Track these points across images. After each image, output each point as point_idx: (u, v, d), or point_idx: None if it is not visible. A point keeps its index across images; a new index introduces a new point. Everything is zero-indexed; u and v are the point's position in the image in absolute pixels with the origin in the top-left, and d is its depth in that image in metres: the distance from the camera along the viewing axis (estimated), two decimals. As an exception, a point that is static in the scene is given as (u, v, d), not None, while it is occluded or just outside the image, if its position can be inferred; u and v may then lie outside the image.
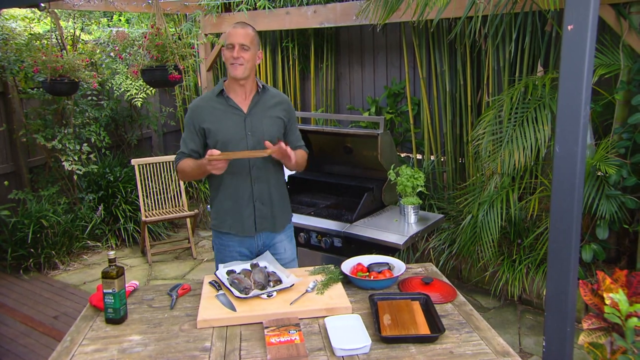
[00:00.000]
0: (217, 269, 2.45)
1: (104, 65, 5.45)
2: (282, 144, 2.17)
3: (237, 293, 1.97)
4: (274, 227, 2.42)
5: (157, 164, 4.85)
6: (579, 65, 1.26)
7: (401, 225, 3.18)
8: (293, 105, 5.56)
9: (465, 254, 3.87)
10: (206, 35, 5.35)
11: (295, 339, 1.69)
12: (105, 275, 1.86)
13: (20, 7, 5.15)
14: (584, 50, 1.25)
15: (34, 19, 5.48)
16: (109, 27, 6.10)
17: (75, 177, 5.07)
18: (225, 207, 2.37)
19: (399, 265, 2.20)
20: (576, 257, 1.37)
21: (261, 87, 2.35)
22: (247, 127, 2.29)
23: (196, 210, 4.96)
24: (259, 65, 5.68)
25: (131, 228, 5.10)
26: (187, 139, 2.35)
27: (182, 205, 4.94)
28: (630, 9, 3.19)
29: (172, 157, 4.92)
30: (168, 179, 4.89)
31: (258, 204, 2.35)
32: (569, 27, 1.25)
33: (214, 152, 2.10)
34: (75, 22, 5.68)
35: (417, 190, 3.24)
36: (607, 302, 1.69)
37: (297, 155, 2.32)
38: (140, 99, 5.13)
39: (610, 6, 3.18)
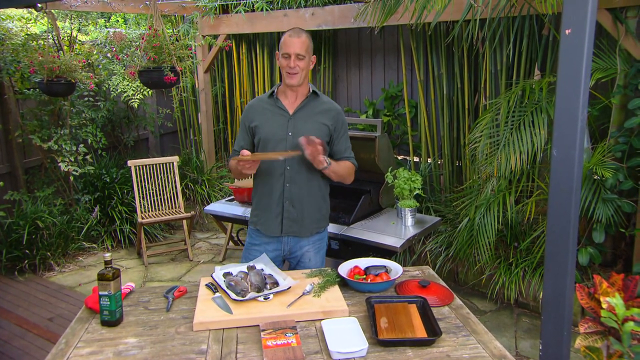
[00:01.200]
0: None
1: (100, 66, 5.44)
2: (317, 143, 2.17)
3: (233, 295, 1.96)
4: (301, 232, 2.41)
5: (154, 166, 4.83)
6: (577, 69, 1.26)
7: (398, 228, 3.18)
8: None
9: (462, 257, 3.87)
10: (204, 36, 5.35)
11: (291, 342, 1.68)
12: (101, 277, 1.84)
13: (17, 8, 5.13)
14: (581, 54, 1.25)
15: (30, 20, 5.47)
16: (107, 27, 6.09)
17: (71, 178, 5.05)
18: (258, 204, 2.45)
19: (396, 268, 2.20)
20: (573, 261, 1.37)
21: (312, 92, 2.39)
22: (290, 128, 2.33)
23: (192, 212, 4.94)
24: (257, 67, 5.68)
25: (127, 229, 5.08)
26: (239, 137, 2.46)
27: (179, 207, 4.93)
28: (626, 13, 3.21)
29: (169, 159, 4.91)
30: (164, 180, 4.88)
31: (287, 205, 2.37)
32: (567, 31, 1.25)
33: (244, 153, 2.19)
34: (72, 23, 5.67)
35: (414, 193, 3.24)
36: (604, 305, 1.69)
37: (339, 165, 2.35)
38: (137, 100, 5.11)
39: (607, 11, 3.20)
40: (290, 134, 2.32)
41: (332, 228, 3.18)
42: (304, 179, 2.36)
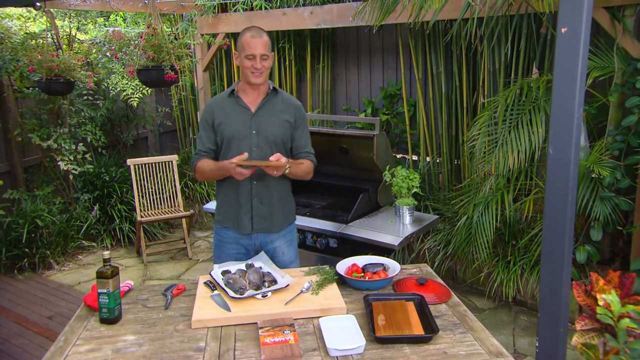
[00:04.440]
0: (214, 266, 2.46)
1: (100, 65, 5.44)
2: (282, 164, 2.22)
3: (232, 293, 1.97)
4: (271, 228, 2.44)
5: (153, 164, 4.84)
6: (573, 68, 1.27)
7: (396, 226, 3.19)
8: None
9: (460, 255, 3.88)
10: (202, 35, 5.35)
11: (289, 339, 1.69)
12: (100, 275, 1.85)
13: (16, 6, 5.13)
14: (577, 53, 1.26)
15: (29, 18, 5.47)
16: (106, 26, 6.08)
17: (70, 176, 5.06)
18: (226, 202, 2.45)
19: (393, 266, 2.21)
20: (569, 258, 1.38)
21: (272, 89, 2.41)
22: (253, 126, 2.35)
23: (192, 211, 4.95)
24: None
25: (126, 228, 5.09)
26: (203, 137, 2.42)
27: (178, 205, 4.93)
28: (624, 12, 3.21)
29: (168, 157, 4.91)
30: (164, 179, 4.89)
31: (256, 202, 2.39)
32: (563, 30, 1.26)
33: (243, 157, 2.20)
34: (71, 22, 5.67)
35: (413, 191, 3.25)
36: (600, 303, 1.70)
37: (298, 168, 2.38)
38: (136, 99, 5.12)
39: (605, 9, 3.20)
40: (254, 131, 2.34)
41: (330, 226, 3.19)
42: (271, 177, 2.36)
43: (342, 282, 2.15)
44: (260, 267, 2.18)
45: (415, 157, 4.82)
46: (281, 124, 2.39)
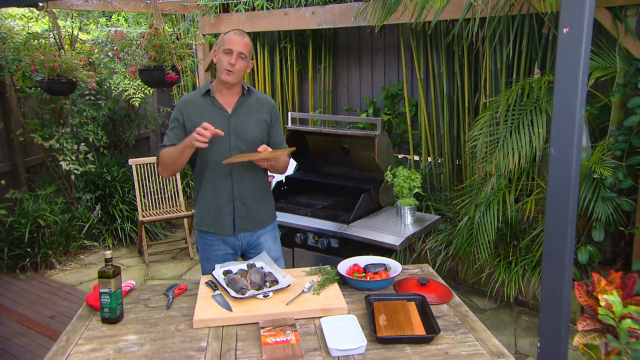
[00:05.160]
0: (202, 269, 2.48)
1: (102, 65, 5.45)
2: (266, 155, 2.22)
3: (233, 293, 1.97)
4: (254, 227, 2.44)
5: (155, 164, 4.84)
6: (574, 68, 1.27)
7: (398, 226, 3.19)
8: (291, 106, 5.61)
9: (461, 255, 3.88)
10: (204, 35, 5.35)
11: (291, 339, 1.69)
12: (102, 274, 1.86)
13: (18, 6, 5.15)
14: (579, 53, 1.26)
15: (32, 18, 5.48)
16: (108, 26, 6.09)
17: (72, 176, 5.06)
18: (205, 205, 2.41)
19: (395, 266, 2.21)
20: (571, 259, 1.38)
21: (246, 89, 2.39)
22: (231, 127, 2.32)
23: (193, 210, 4.95)
24: (257, 66, 5.69)
25: (128, 228, 5.10)
26: (171, 135, 2.35)
27: (180, 205, 4.94)
28: (626, 12, 3.21)
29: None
30: (165, 179, 4.89)
31: (238, 203, 2.37)
32: (565, 30, 1.26)
33: (218, 132, 2.13)
34: (73, 22, 5.68)
35: (414, 192, 3.25)
36: (602, 303, 1.70)
37: (278, 161, 2.37)
38: (138, 99, 5.12)
39: (607, 9, 3.20)
40: (233, 133, 2.31)
41: (331, 226, 3.19)
42: (251, 177, 2.37)
43: (344, 282, 2.15)
44: (262, 267, 2.18)
45: (416, 157, 4.82)
46: (258, 124, 2.37)
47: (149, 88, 5.24)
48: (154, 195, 4.83)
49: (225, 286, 2.03)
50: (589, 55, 1.28)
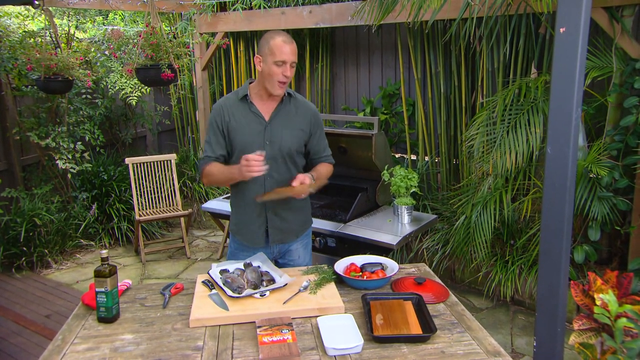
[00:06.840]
0: None
1: (98, 64, 5.43)
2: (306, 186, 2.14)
3: (230, 292, 1.97)
4: (287, 238, 2.39)
5: (152, 163, 4.83)
6: (571, 68, 1.27)
7: (395, 225, 3.19)
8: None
9: (458, 254, 3.89)
10: (201, 34, 5.34)
11: (287, 338, 1.69)
12: (98, 273, 1.85)
13: (14, 5, 5.13)
14: (575, 53, 1.26)
15: (28, 17, 5.46)
16: (104, 25, 6.08)
17: (69, 175, 5.05)
18: (239, 216, 2.36)
19: (392, 266, 2.21)
20: (567, 258, 1.38)
21: (287, 95, 2.27)
22: (267, 136, 2.22)
23: (190, 210, 4.95)
24: (252, 64, 5.69)
25: (125, 227, 5.08)
26: (212, 141, 2.25)
27: (176, 204, 4.93)
28: (622, 12, 3.22)
29: (166, 156, 4.91)
30: (162, 178, 4.88)
31: (271, 215, 2.31)
32: (562, 30, 1.26)
33: (259, 153, 2.03)
34: (69, 20, 5.66)
35: (411, 191, 3.25)
36: (597, 302, 1.71)
37: (320, 178, 2.30)
38: (135, 98, 5.11)
39: (603, 9, 3.20)
40: (268, 142, 2.22)
41: (328, 225, 3.19)
42: (283, 186, 2.28)
43: (340, 281, 2.15)
44: (259, 266, 2.18)
45: (413, 157, 4.82)
46: (295, 134, 2.27)
47: (146, 87, 5.24)
48: (151, 194, 4.82)
49: (222, 285, 2.02)
50: (586, 55, 1.28)
